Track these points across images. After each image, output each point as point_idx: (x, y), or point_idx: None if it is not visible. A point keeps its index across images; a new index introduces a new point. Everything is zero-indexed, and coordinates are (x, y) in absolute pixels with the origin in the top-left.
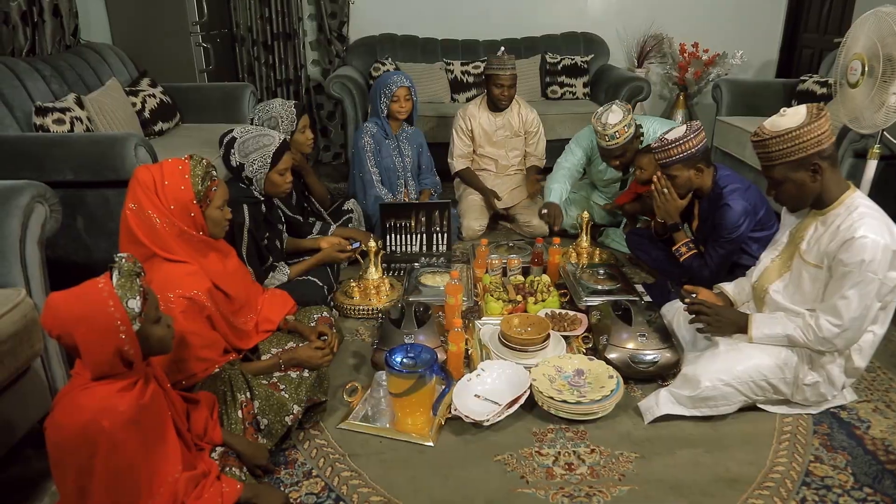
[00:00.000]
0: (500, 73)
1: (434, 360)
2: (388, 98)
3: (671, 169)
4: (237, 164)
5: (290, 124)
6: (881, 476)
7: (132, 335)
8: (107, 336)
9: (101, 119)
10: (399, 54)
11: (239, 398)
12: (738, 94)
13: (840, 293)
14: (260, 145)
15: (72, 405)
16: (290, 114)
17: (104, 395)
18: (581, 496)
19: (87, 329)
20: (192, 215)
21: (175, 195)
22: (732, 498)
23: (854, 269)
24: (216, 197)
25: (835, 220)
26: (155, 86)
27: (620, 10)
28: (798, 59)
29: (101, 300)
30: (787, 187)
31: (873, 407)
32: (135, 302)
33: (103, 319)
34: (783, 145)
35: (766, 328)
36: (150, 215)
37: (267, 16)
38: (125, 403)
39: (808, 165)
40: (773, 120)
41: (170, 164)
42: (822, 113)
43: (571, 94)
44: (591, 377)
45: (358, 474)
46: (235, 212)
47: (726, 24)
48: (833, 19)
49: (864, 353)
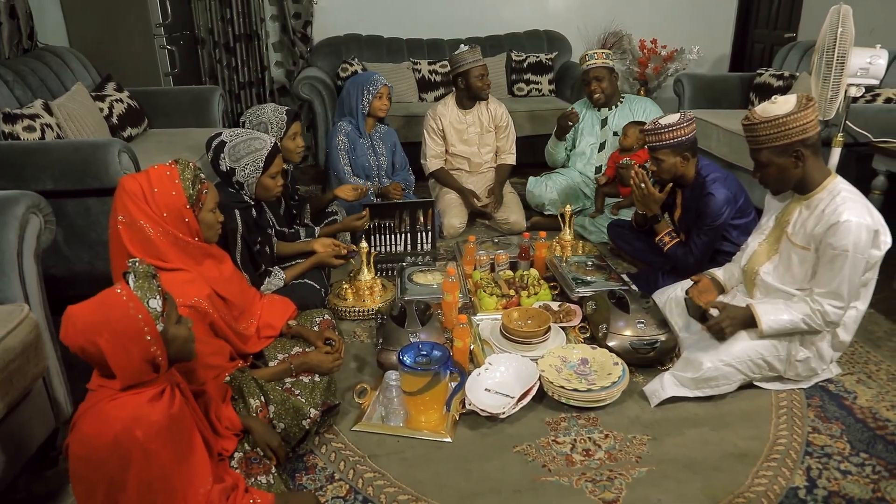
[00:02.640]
0: (476, 65)
1: (448, 357)
2: (371, 95)
3: (659, 153)
4: (227, 169)
5: (279, 130)
6: (874, 441)
7: (157, 336)
8: (133, 340)
9: (70, 125)
10: (365, 54)
11: (252, 404)
12: (700, 88)
13: (838, 278)
14: (251, 149)
15: (100, 417)
16: (280, 119)
17: (135, 405)
18: (603, 480)
19: (111, 335)
20: (186, 221)
21: (167, 202)
22: (744, 472)
23: (843, 253)
24: (208, 200)
25: (818, 204)
26: (121, 90)
27: (581, 8)
28: (750, 53)
29: (121, 304)
30: (770, 170)
31: (856, 378)
32: (155, 301)
33: (127, 323)
34: (770, 131)
35: (773, 316)
36: (143, 226)
37: (228, 17)
38: (157, 412)
39: (791, 152)
40: (765, 106)
41: (156, 171)
42: (809, 104)
43: (538, 92)
44: (596, 365)
45: (381, 474)
46: (227, 217)
47: (682, 21)
48: (783, 15)
49: (849, 329)
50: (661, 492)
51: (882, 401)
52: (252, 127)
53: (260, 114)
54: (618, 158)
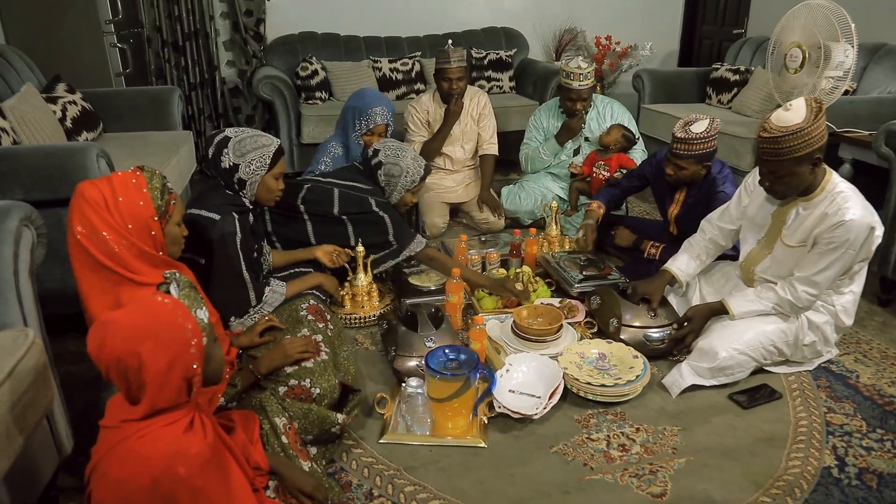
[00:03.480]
0: (447, 67)
1: (477, 361)
2: (363, 130)
3: (684, 161)
4: (230, 165)
5: (414, 179)
6: (885, 417)
7: (202, 350)
8: (178, 352)
9: (24, 130)
10: (322, 53)
11: (278, 424)
12: (658, 83)
13: (820, 267)
14: (258, 145)
15: (131, 458)
16: (418, 167)
17: (171, 438)
18: (646, 474)
19: (156, 345)
20: (152, 234)
21: (133, 212)
22: (776, 455)
23: (839, 247)
24: (175, 212)
25: (819, 205)
26: (73, 92)
27: (536, 5)
28: (698, 49)
29: (169, 311)
30: (787, 180)
31: (854, 358)
32: (203, 313)
33: (175, 332)
34: (794, 141)
35: (744, 306)
36: (105, 237)
37: (176, 14)
38: (197, 444)
39: (812, 159)
40: (781, 116)
41: (120, 178)
42: (822, 107)
43: (499, 89)
44: (615, 359)
45: (423, 487)
46: (224, 221)
47: (633, 18)
48: (730, 12)
49: (849, 312)
50: (706, 481)
51: (882, 378)
52: (387, 164)
53: (399, 160)
54: (595, 159)
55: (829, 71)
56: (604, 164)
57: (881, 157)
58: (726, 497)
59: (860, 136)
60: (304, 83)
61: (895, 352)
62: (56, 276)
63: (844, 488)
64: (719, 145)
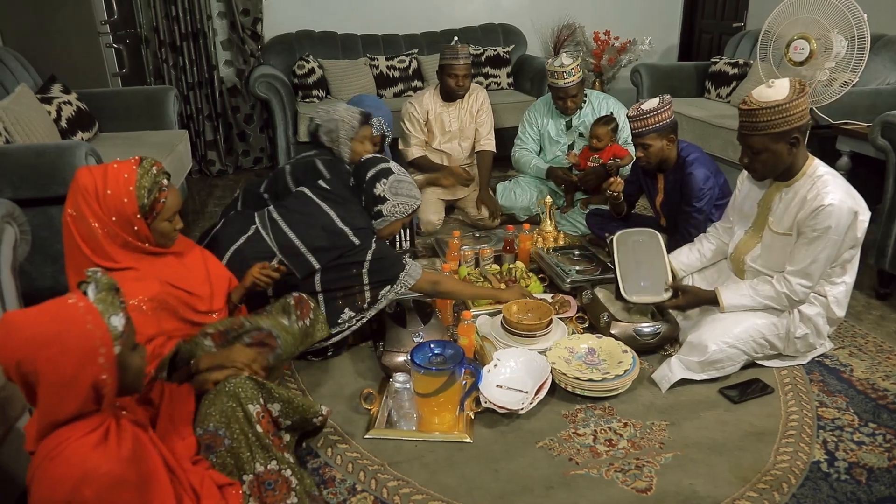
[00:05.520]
0: (454, 63)
1: (462, 355)
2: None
3: (646, 138)
4: (380, 195)
5: (350, 130)
6: (878, 411)
7: (112, 360)
8: (83, 361)
9: (18, 130)
10: (319, 51)
11: (252, 412)
12: (657, 78)
13: (812, 257)
14: (411, 194)
15: (46, 481)
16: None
17: (79, 459)
18: (632, 469)
19: (58, 352)
20: (135, 229)
21: (116, 207)
22: (765, 450)
23: (823, 234)
24: (164, 209)
25: (800, 189)
26: (69, 92)
27: (533, 1)
28: (698, 43)
29: (77, 317)
30: (763, 157)
31: (848, 352)
32: (118, 319)
33: (80, 340)
34: (772, 116)
35: (735, 300)
36: (91, 224)
37: (173, 14)
38: (106, 463)
39: (789, 138)
40: (762, 91)
41: (115, 171)
42: (805, 89)
43: (497, 85)
44: (604, 354)
45: (406, 482)
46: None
47: (632, 12)
48: (729, 6)
49: (842, 304)
50: (692, 476)
51: (877, 371)
52: (322, 122)
53: (332, 111)
54: (588, 155)
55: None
56: (598, 157)
57: (878, 149)
58: (712, 492)
59: (858, 128)
60: (300, 81)
61: (891, 346)
62: (47, 274)
63: (833, 483)
64: (715, 138)
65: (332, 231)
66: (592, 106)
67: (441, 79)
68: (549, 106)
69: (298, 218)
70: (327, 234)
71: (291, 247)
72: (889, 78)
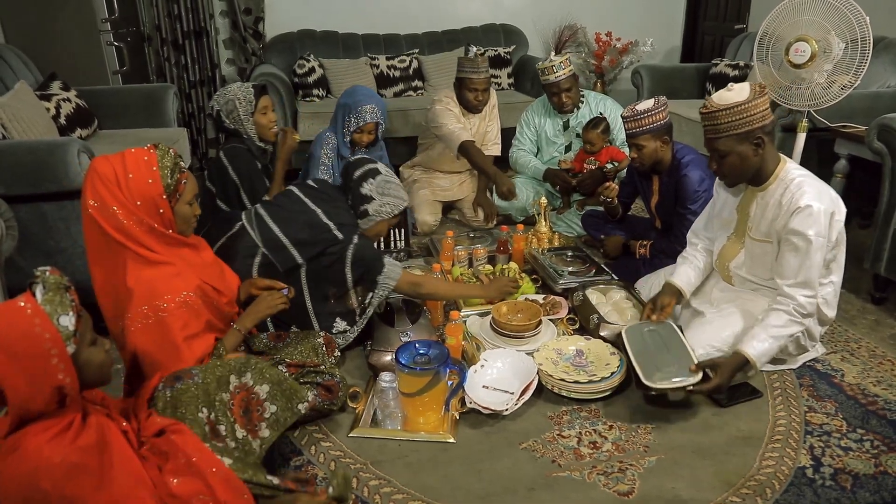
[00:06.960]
0: (474, 77)
1: (447, 355)
2: (353, 127)
3: (640, 139)
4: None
5: (248, 105)
6: (867, 417)
7: (67, 360)
8: (36, 363)
9: (15, 127)
10: (320, 51)
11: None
12: (658, 80)
13: (805, 266)
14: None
15: (5, 479)
16: (248, 94)
17: (32, 453)
18: (615, 472)
19: (7, 357)
20: (160, 212)
21: (141, 189)
22: (751, 454)
23: (806, 240)
24: (186, 191)
25: (773, 194)
26: (68, 89)
27: (535, 2)
28: (700, 44)
29: (24, 319)
30: (730, 160)
31: (840, 357)
32: (67, 318)
33: (30, 343)
34: (732, 118)
35: (761, 348)
36: (115, 212)
37: (176, 13)
38: (59, 452)
39: (753, 138)
40: (721, 94)
41: (133, 155)
42: (764, 90)
43: (497, 86)
44: (592, 356)
45: (387, 481)
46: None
47: (634, 13)
48: (732, 7)
49: (831, 304)
50: (675, 480)
51: (868, 377)
52: (220, 106)
53: (226, 92)
54: (584, 157)
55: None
56: (594, 160)
57: (874, 152)
58: (695, 496)
59: (856, 131)
60: (301, 80)
61: (884, 351)
62: None
63: (817, 489)
64: None
65: (315, 225)
66: (590, 107)
67: (459, 92)
68: (547, 107)
69: (284, 214)
70: (310, 228)
71: (275, 240)
72: (889, 81)
